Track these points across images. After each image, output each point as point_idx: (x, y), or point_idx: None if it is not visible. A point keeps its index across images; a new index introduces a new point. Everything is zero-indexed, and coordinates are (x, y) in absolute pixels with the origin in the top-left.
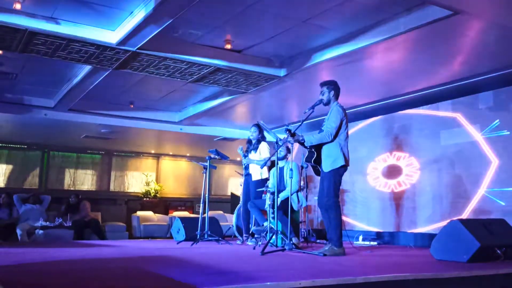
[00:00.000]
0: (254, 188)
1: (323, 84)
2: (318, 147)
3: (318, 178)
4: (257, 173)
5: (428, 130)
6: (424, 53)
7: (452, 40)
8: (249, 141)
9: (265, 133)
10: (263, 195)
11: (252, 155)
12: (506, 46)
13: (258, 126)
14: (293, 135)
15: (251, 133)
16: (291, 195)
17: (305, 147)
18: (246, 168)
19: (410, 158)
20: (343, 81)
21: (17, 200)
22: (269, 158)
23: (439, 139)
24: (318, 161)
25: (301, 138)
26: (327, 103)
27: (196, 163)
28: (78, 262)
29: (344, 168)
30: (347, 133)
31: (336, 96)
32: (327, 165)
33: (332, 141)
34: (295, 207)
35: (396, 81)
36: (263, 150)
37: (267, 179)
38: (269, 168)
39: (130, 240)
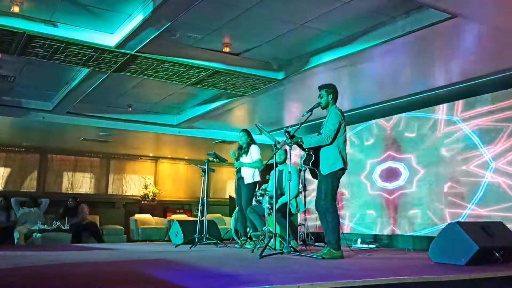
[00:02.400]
0: (246, 192)
1: (321, 87)
2: (316, 150)
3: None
4: (249, 176)
5: (426, 133)
6: (422, 56)
7: (450, 43)
8: (240, 147)
9: (264, 136)
10: (260, 198)
11: (244, 159)
12: (504, 49)
13: (246, 131)
14: (291, 137)
15: (240, 138)
16: (290, 200)
17: (304, 149)
18: (238, 171)
19: (408, 160)
20: (341, 84)
21: (15, 203)
22: (267, 161)
23: (437, 142)
24: (316, 164)
25: (299, 140)
26: (325, 106)
27: (194, 166)
28: (75, 265)
29: (342, 171)
30: (345, 136)
31: (335, 99)
32: (325, 168)
33: (330, 144)
34: (293, 212)
35: (394, 84)
36: (254, 153)
37: (259, 182)
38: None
39: (128, 243)
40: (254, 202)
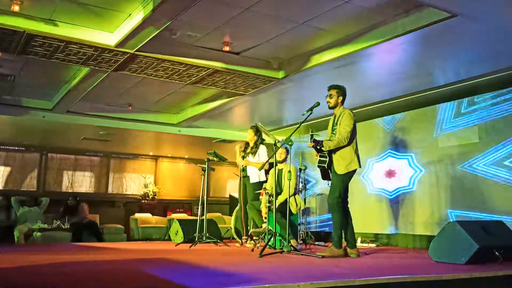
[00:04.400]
0: (252, 190)
1: (332, 87)
2: (329, 151)
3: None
4: (255, 175)
5: (427, 131)
6: (422, 55)
7: (450, 42)
8: (247, 143)
9: (264, 135)
10: (260, 197)
11: (251, 158)
12: (504, 47)
13: (254, 127)
14: (317, 141)
15: (247, 135)
16: (288, 198)
17: (321, 152)
18: (244, 169)
19: (410, 159)
20: (341, 83)
21: (15, 202)
22: (267, 160)
23: (438, 140)
24: (330, 165)
25: (319, 144)
26: (334, 106)
27: (194, 165)
28: (75, 264)
29: (355, 170)
30: (356, 136)
31: (343, 101)
32: (341, 168)
33: (348, 145)
34: (294, 211)
35: (394, 83)
36: (262, 154)
37: (265, 181)
38: (267, 171)
39: (128, 242)
40: None
